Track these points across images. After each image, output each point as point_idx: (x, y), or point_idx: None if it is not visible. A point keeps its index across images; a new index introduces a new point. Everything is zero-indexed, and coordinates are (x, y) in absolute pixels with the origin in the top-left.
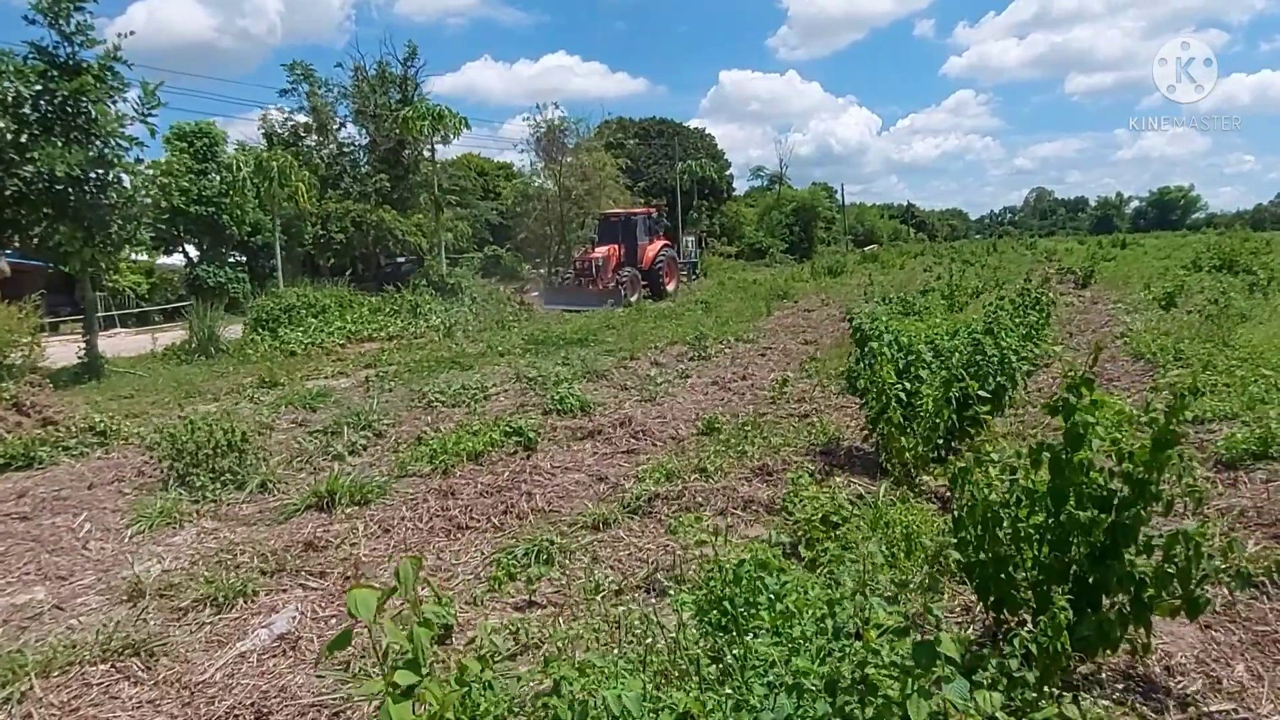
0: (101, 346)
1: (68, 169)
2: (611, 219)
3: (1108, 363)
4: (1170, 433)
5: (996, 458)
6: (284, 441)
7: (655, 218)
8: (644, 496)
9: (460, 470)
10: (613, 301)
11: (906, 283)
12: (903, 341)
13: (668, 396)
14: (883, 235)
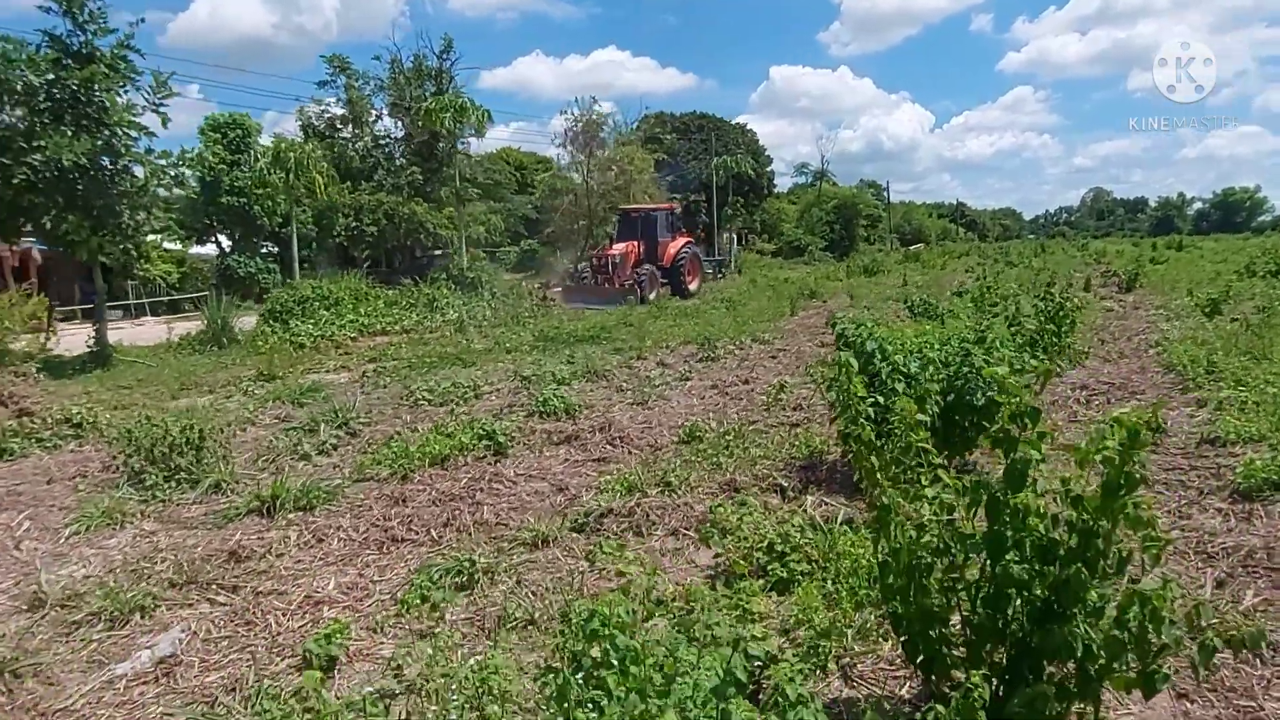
0: (123, 335)
1: (75, 158)
2: (631, 214)
3: (1135, 374)
4: (1124, 475)
5: (931, 493)
6: (259, 438)
7: (678, 214)
8: (595, 513)
9: (421, 475)
10: (630, 300)
11: (943, 284)
12: (886, 350)
13: (661, 400)
14: (930, 234)
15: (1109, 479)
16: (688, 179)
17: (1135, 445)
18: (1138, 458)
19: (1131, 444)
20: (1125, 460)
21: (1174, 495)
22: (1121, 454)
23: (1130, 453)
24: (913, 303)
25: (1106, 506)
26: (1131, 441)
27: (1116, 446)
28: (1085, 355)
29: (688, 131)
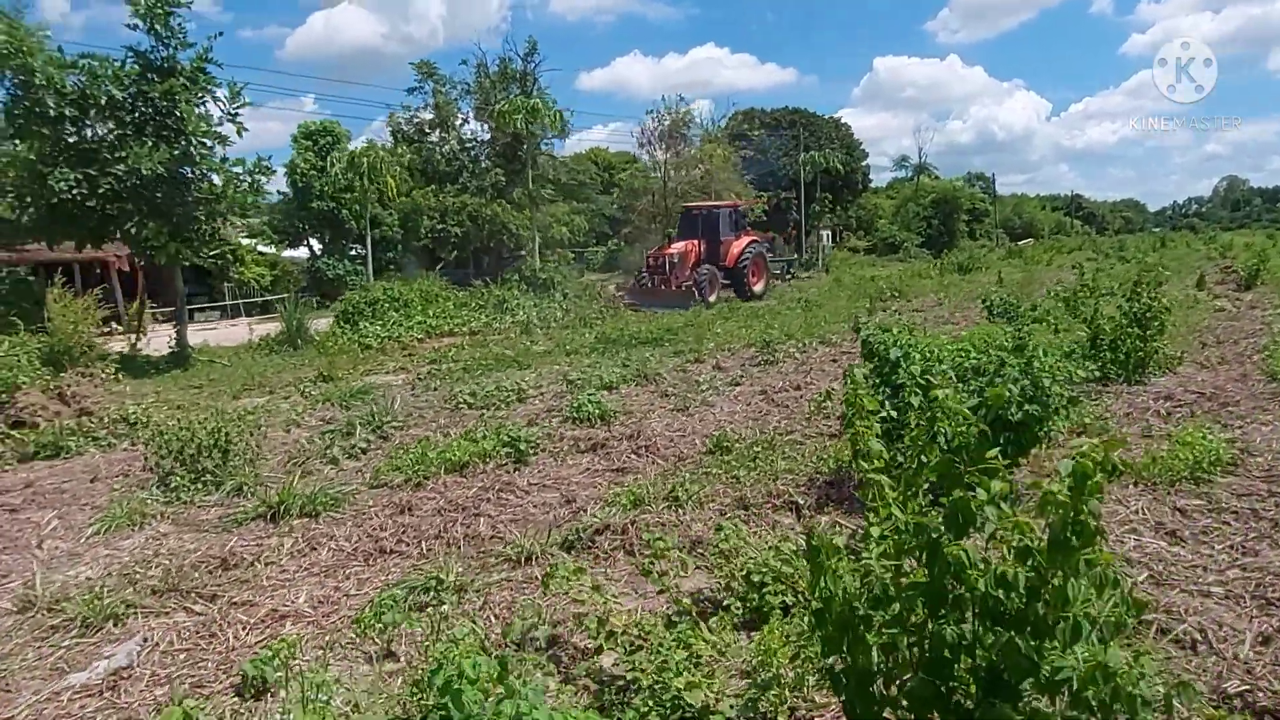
0: (211, 336)
1: (154, 167)
2: (692, 212)
3: (1232, 383)
4: (1075, 526)
5: (877, 532)
6: (297, 440)
7: (743, 211)
8: (591, 529)
9: (435, 483)
10: (689, 302)
11: (1042, 282)
12: (912, 358)
13: (704, 406)
14: (1043, 228)
15: (1054, 530)
16: (778, 175)
17: (1085, 491)
18: (1089, 507)
19: (1081, 489)
20: (1076, 507)
21: (1243, 526)
22: (1071, 499)
23: (1081, 499)
24: (992, 303)
25: (1055, 561)
26: (1081, 486)
27: (1065, 490)
28: (1178, 361)
29: (778, 127)
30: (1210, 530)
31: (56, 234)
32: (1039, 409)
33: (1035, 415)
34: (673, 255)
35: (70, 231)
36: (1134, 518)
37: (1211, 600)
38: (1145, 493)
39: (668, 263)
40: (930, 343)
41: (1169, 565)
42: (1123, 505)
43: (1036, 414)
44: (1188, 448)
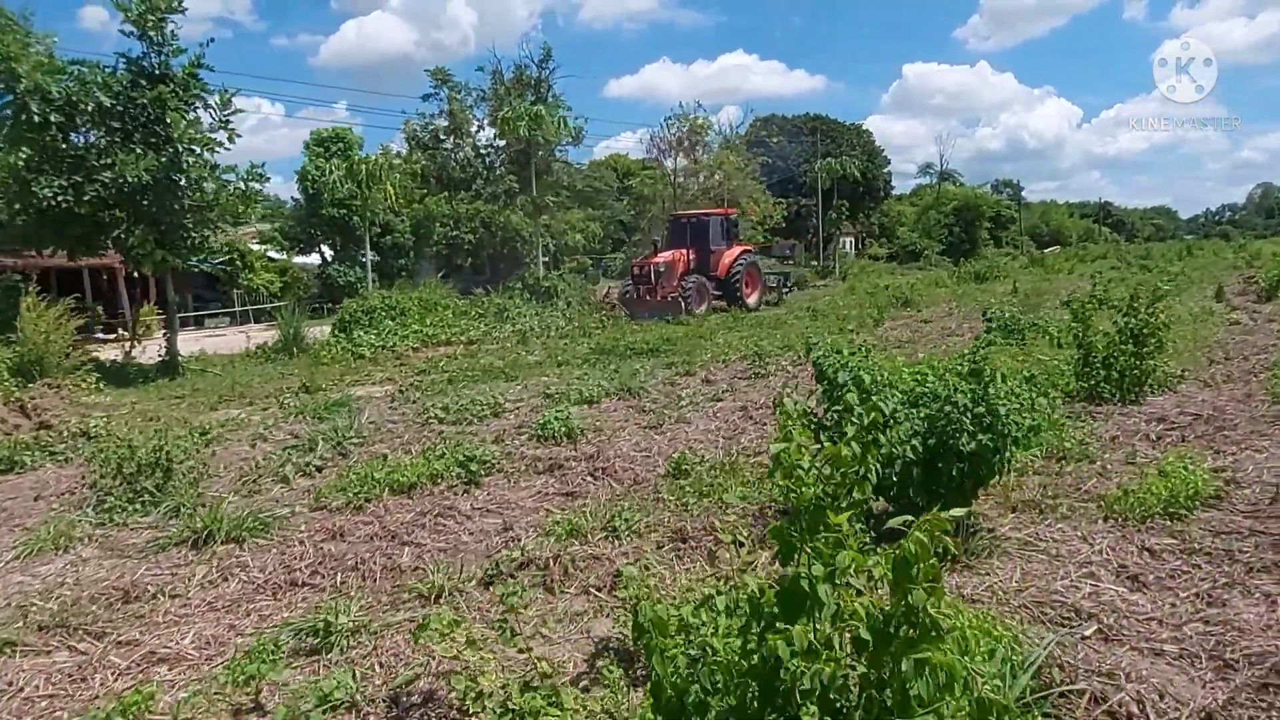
0: (210, 343)
1: (139, 175)
2: (681, 220)
3: (1235, 403)
4: (905, 611)
5: (722, 604)
6: (256, 455)
7: (733, 219)
8: (515, 562)
9: (378, 506)
10: (676, 312)
11: (1059, 291)
12: (865, 384)
13: (680, 423)
14: (1071, 236)
15: (874, 623)
16: (798, 182)
17: (909, 579)
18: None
19: (903, 575)
20: (902, 587)
21: (1214, 571)
22: (897, 589)
23: (908, 586)
24: (993, 316)
25: (879, 662)
26: (903, 573)
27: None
28: (1179, 379)
29: (798, 134)
30: (1178, 574)
31: (45, 241)
32: (992, 438)
33: (988, 445)
34: (658, 264)
35: (58, 238)
36: (1095, 559)
37: (1163, 661)
38: (1114, 529)
39: (653, 272)
40: (885, 366)
41: (1123, 616)
42: (1086, 543)
43: (990, 444)
44: (1166, 479)
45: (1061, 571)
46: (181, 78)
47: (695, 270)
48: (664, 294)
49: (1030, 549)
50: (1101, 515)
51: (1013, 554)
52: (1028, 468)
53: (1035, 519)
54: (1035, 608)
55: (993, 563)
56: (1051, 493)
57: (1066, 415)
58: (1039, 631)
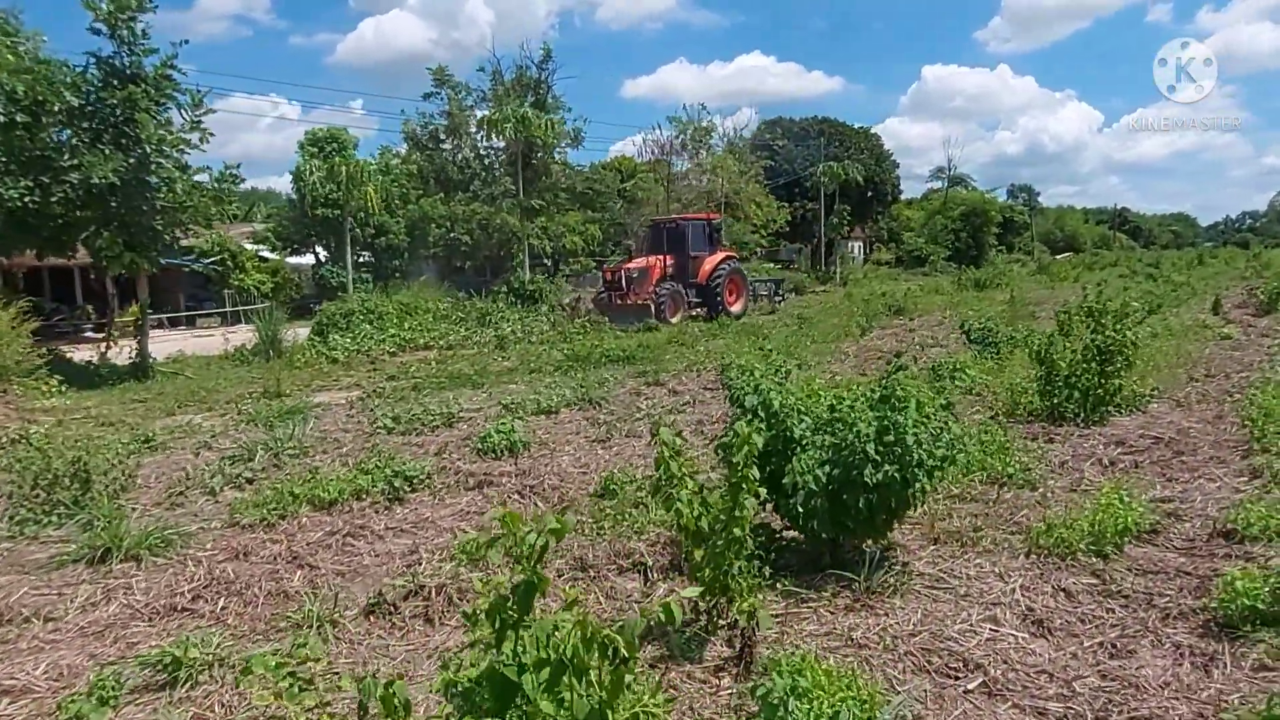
0: (190, 345)
1: (105, 176)
2: (660, 226)
3: (1203, 425)
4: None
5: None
6: (194, 465)
7: (716, 225)
8: (403, 591)
9: (292, 523)
10: (645, 320)
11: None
12: (773, 408)
13: (631, 437)
14: (1085, 242)
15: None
16: (804, 186)
17: None
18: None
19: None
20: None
21: (1129, 616)
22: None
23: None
24: (970, 328)
25: None
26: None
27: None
28: (1148, 398)
29: (805, 137)
30: (1088, 619)
31: (13, 242)
32: (900, 470)
33: (895, 478)
34: (631, 270)
35: (26, 240)
36: (1004, 599)
37: None
38: (1034, 566)
39: (624, 278)
40: (803, 388)
41: (1014, 668)
42: (1001, 581)
43: (897, 476)
44: (1103, 511)
45: (964, 614)
46: (154, 78)
47: (674, 277)
48: (637, 299)
49: (940, 586)
50: (1025, 550)
51: (920, 592)
52: (965, 493)
53: (956, 552)
54: (924, 655)
55: (894, 602)
56: (981, 523)
57: (1024, 436)
58: (919, 684)
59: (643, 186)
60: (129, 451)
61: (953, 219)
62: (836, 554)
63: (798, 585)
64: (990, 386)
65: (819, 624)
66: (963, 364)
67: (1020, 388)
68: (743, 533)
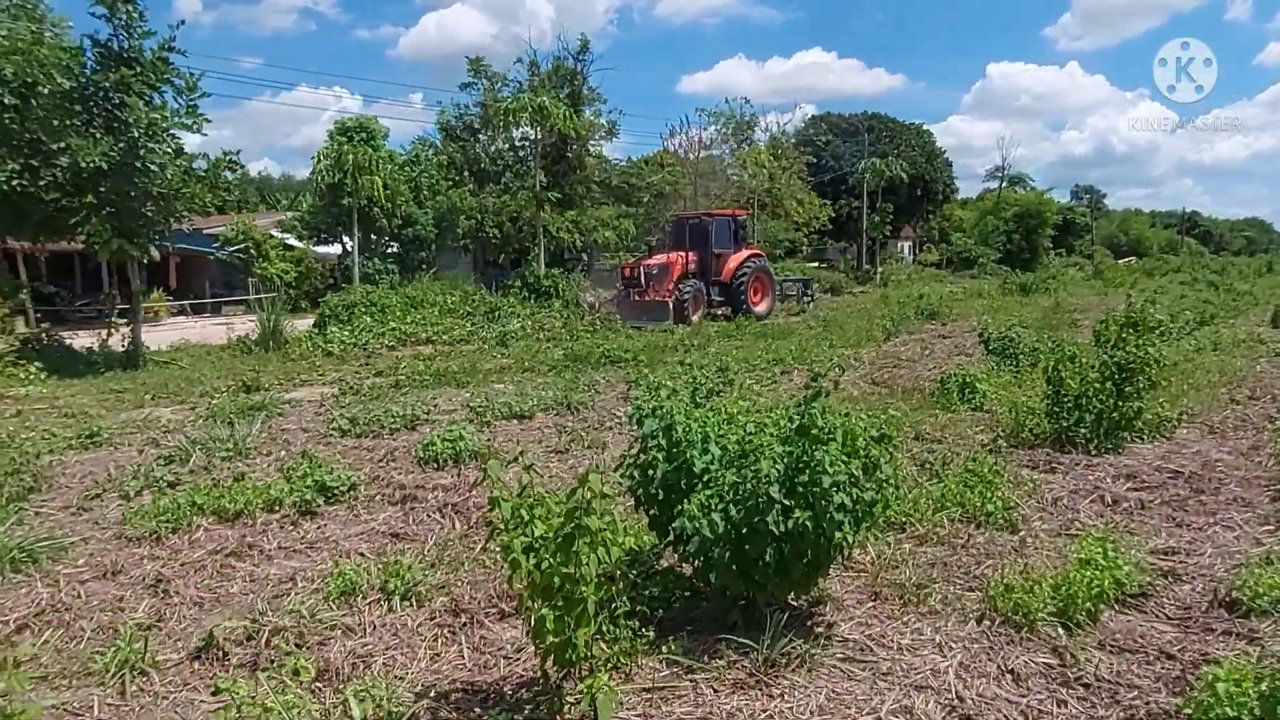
0: (195, 333)
1: (92, 160)
2: (683, 222)
3: (1234, 457)
4: None
5: None
6: (133, 463)
7: (741, 221)
8: (243, 632)
9: (183, 536)
10: (665, 316)
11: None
12: (675, 436)
13: (593, 448)
14: (1151, 246)
15: None
16: (851, 184)
17: None
18: None
19: None
20: None
21: (1085, 715)
22: None
23: None
24: (989, 337)
25: None
26: None
27: None
28: (1175, 423)
29: (853, 133)
30: (1029, 717)
31: (6, 227)
32: (813, 517)
33: (807, 526)
34: (650, 267)
35: (18, 224)
36: (931, 682)
37: None
38: (984, 636)
39: (644, 275)
40: (711, 415)
41: None
42: (939, 654)
43: (809, 524)
44: (1079, 568)
45: (879, 699)
46: (151, 61)
47: (697, 275)
48: (656, 297)
49: (860, 659)
50: (978, 613)
51: (833, 667)
52: (932, 534)
53: (896, 611)
54: None
55: (797, 678)
56: (936, 573)
57: (1022, 464)
58: None
59: (670, 180)
60: (67, 447)
61: (1005, 220)
62: (750, 609)
63: (691, 648)
64: (1002, 403)
65: (695, 705)
66: (974, 377)
67: (1027, 407)
68: (589, 593)
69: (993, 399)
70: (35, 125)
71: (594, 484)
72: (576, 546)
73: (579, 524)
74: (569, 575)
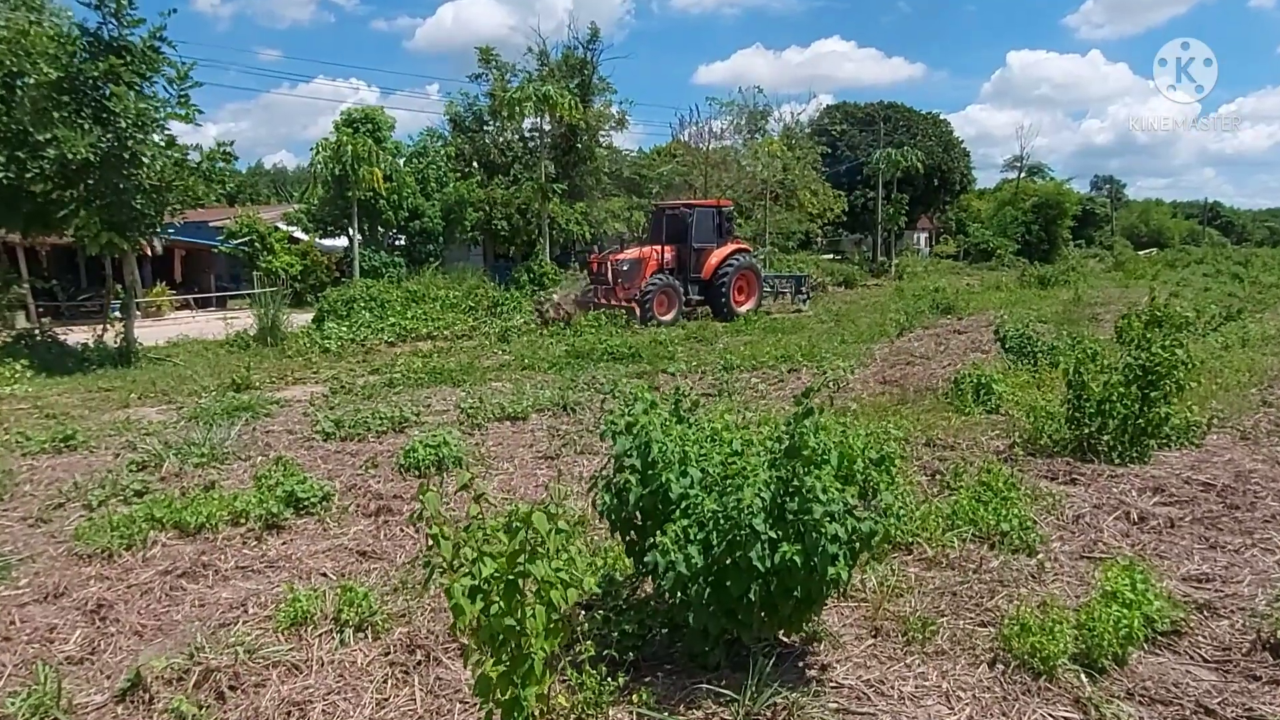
0: (195, 328)
1: (77, 151)
2: (663, 212)
3: (1272, 466)
4: None
5: None
6: (106, 468)
7: (727, 213)
8: (177, 670)
9: (137, 553)
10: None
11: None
12: (650, 456)
13: (585, 454)
14: (1172, 237)
15: None
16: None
17: None
18: None
19: None
20: None
21: None
22: None
23: None
24: (1006, 334)
25: None
26: None
27: None
28: (1204, 428)
29: (868, 123)
30: None
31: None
32: (802, 551)
33: (795, 561)
34: (620, 262)
35: (7, 218)
36: None
37: None
38: (995, 684)
39: (611, 271)
40: (693, 432)
41: None
42: (944, 706)
43: (798, 559)
44: (1103, 603)
45: None
46: (141, 50)
47: (673, 271)
48: (625, 296)
49: (857, 712)
50: (990, 655)
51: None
52: (941, 556)
53: (899, 651)
54: None
55: None
56: (945, 605)
57: (1041, 475)
58: None
59: (680, 171)
60: (40, 451)
61: (1023, 210)
62: (735, 645)
63: (666, 695)
64: (1019, 406)
65: None
66: (990, 378)
67: (1046, 412)
68: (536, 647)
69: (1009, 401)
70: (22, 115)
71: (539, 523)
72: (515, 601)
73: (522, 571)
74: (511, 628)
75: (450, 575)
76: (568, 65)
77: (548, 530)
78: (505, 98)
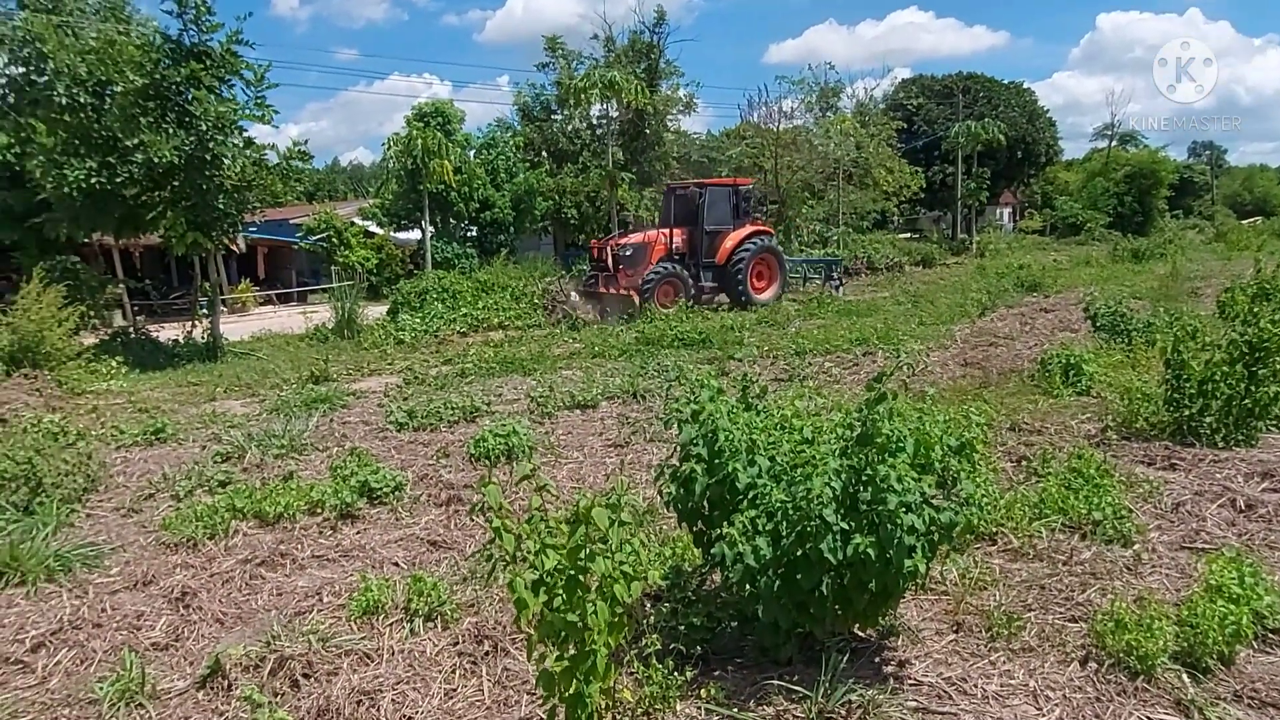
0: (270, 324)
1: (164, 155)
2: (676, 192)
3: None
4: None
5: None
6: (181, 463)
7: (745, 193)
8: (253, 659)
9: (220, 542)
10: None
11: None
12: (717, 444)
13: (653, 441)
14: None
15: None
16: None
17: None
18: None
19: None
20: None
21: None
22: None
23: None
24: (1096, 312)
25: None
26: None
27: None
28: None
29: (946, 95)
30: None
31: (90, 222)
32: (876, 543)
33: (869, 554)
34: (623, 247)
35: (99, 221)
36: None
37: None
38: (1089, 683)
39: (613, 256)
40: (761, 419)
41: None
42: (1032, 706)
43: (873, 551)
44: (1207, 597)
45: None
46: (220, 54)
47: (683, 255)
48: (628, 284)
49: (938, 711)
50: (1081, 652)
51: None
52: (1027, 547)
53: (982, 648)
54: None
55: None
56: (1032, 599)
57: (1137, 460)
58: None
59: (750, 153)
60: (133, 444)
61: (1115, 181)
62: (808, 640)
63: (736, 691)
64: (1112, 387)
65: None
66: (1079, 358)
67: (1141, 393)
68: (599, 642)
69: (1101, 382)
70: (112, 122)
71: (599, 519)
72: (578, 597)
73: (583, 566)
74: (573, 625)
75: (513, 568)
76: (634, 50)
77: (609, 524)
78: (571, 85)
